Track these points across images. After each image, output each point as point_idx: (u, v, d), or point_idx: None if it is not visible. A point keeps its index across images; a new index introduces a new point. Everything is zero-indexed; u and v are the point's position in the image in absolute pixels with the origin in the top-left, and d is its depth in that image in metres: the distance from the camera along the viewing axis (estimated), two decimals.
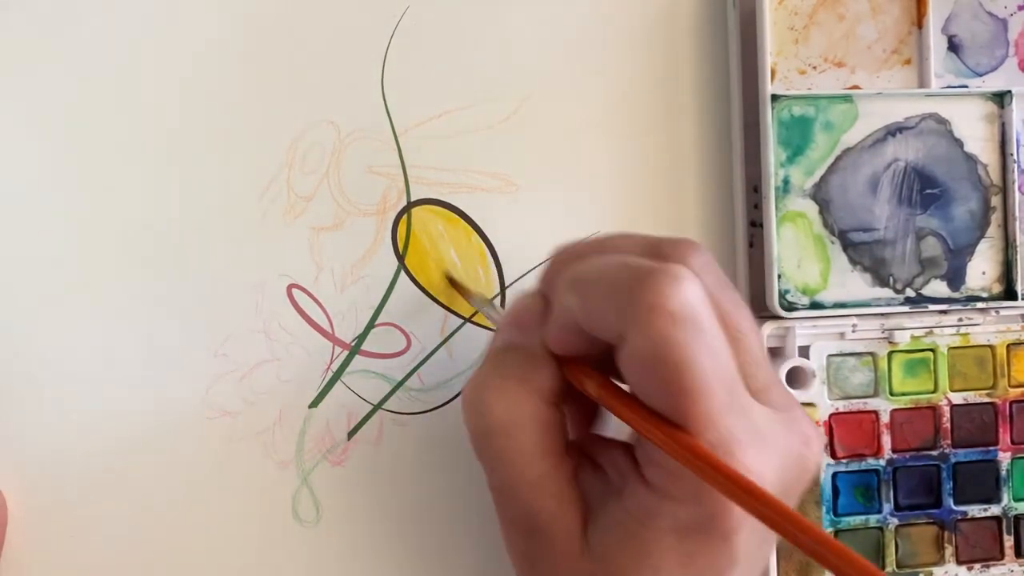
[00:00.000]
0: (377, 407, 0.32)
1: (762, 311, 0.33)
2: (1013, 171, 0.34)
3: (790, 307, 0.33)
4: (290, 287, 0.32)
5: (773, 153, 0.32)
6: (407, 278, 0.32)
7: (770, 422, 0.24)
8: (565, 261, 0.26)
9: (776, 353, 0.33)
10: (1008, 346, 0.34)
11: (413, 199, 0.32)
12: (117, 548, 0.31)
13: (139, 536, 0.31)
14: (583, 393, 0.25)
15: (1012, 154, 0.34)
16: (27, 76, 0.31)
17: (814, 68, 0.33)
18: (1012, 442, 0.34)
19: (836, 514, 0.33)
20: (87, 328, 0.31)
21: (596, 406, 0.28)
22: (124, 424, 0.31)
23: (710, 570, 0.24)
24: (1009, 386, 0.34)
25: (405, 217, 0.32)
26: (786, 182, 0.33)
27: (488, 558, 0.32)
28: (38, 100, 0.31)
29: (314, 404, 0.32)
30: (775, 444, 0.24)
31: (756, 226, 0.34)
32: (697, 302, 0.22)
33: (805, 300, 0.33)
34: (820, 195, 0.33)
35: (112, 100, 0.31)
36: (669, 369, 0.22)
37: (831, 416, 0.33)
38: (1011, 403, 0.34)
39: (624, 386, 0.24)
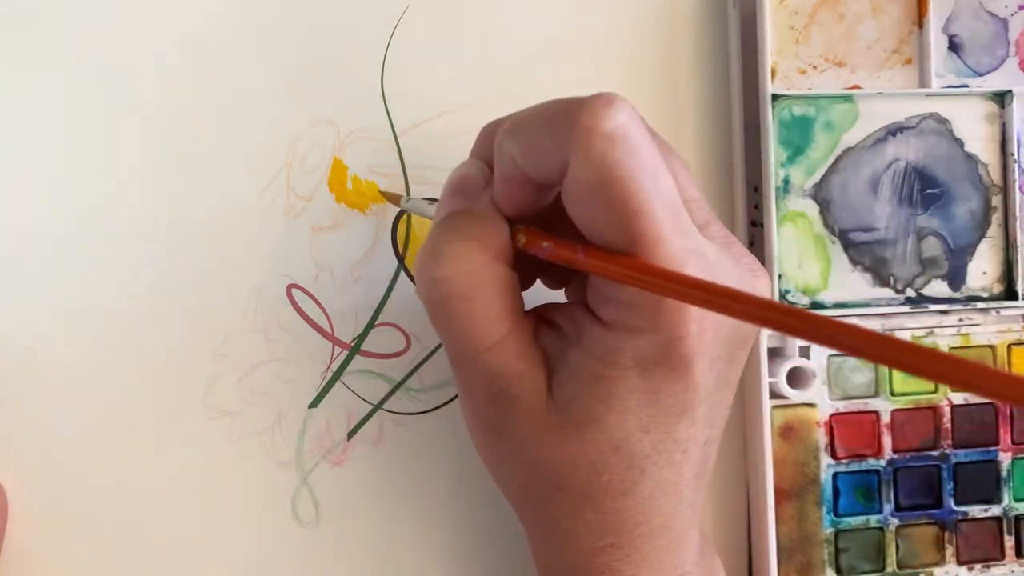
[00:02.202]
0: (377, 407, 0.32)
1: None
2: (1013, 171, 0.34)
3: None
4: (290, 287, 0.32)
5: (773, 153, 0.32)
6: (407, 278, 0.32)
7: (717, 253, 0.24)
8: (499, 123, 0.25)
9: (776, 353, 0.33)
10: (1009, 346, 0.34)
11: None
12: (117, 548, 0.31)
13: (139, 536, 0.31)
14: (533, 256, 0.25)
15: (1013, 154, 0.34)
16: (26, 76, 0.31)
17: (814, 68, 0.33)
18: (1013, 442, 0.34)
19: (837, 514, 0.33)
20: (87, 327, 0.31)
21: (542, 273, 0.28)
22: (124, 424, 0.31)
23: (675, 407, 0.24)
24: None
25: (405, 217, 0.32)
26: (786, 182, 0.33)
27: (488, 558, 0.32)
28: (37, 100, 0.31)
29: (314, 404, 0.32)
30: (725, 274, 0.24)
31: (757, 226, 0.34)
32: (632, 123, 0.22)
33: (806, 300, 0.33)
34: (821, 195, 0.33)
35: (111, 100, 0.31)
36: (612, 189, 0.21)
37: (832, 416, 0.33)
38: None
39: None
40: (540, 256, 0.24)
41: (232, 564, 0.31)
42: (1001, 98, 0.34)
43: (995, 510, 0.34)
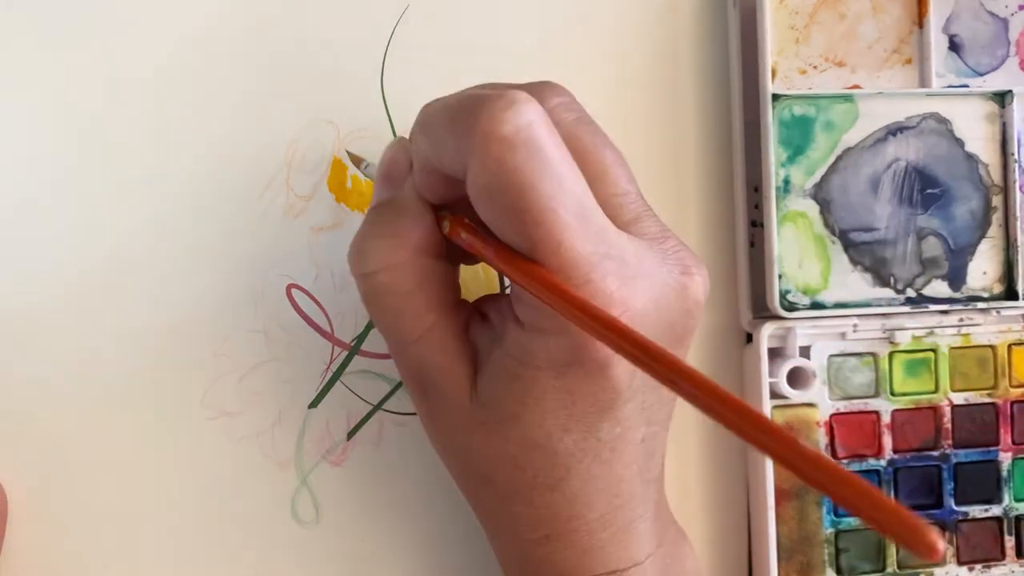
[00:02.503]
0: (377, 407, 0.32)
1: (763, 311, 0.33)
2: (1014, 171, 0.34)
3: (791, 307, 0.32)
4: (289, 287, 0.32)
5: (774, 153, 0.32)
6: None
7: (641, 251, 0.23)
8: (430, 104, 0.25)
9: (777, 353, 0.33)
10: (1009, 346, 0.34)
11: None
12: (117, 548, 0.31)
13: (138, 536, 0.31)
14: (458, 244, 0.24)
15: (1013, 154, 0.34)
16: (25, 76, 0.31)
17: (815, 68, 0.33)
18: (1013, 442, 0.34)
19: (836, 515, 0.33)
20: (87, 327, 0.31)
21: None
22: (124, 424, 0.31)
23: (594, 406, 0.24)
24: (1010, 386, 0.34)
25: None
26: (787, 182, 0.33)
27: (488, 558, 0.32)
28: (36, 100, 0.31)
29: (313, 404, 0.32)
30: (649, 274, 0.23)
31: (757, 226, 0.33)
32: (533, 126, 0.21)
33: (806, 300, 0.33)
34: (821, 195, 0.33)
35: (111, 99, 0.31)
36: (508, 195, 0.21)
37: (832, 416, 0.33)
38: (1012, 403, 0.34)
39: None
40: (460, 246, 0.24)
41: (232, 564, 0.31)
42: (1001, 98, 0.34)
43: (995, 510, 0.34)
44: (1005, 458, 0.34)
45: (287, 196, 0.32)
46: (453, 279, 0.26)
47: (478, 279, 0.32)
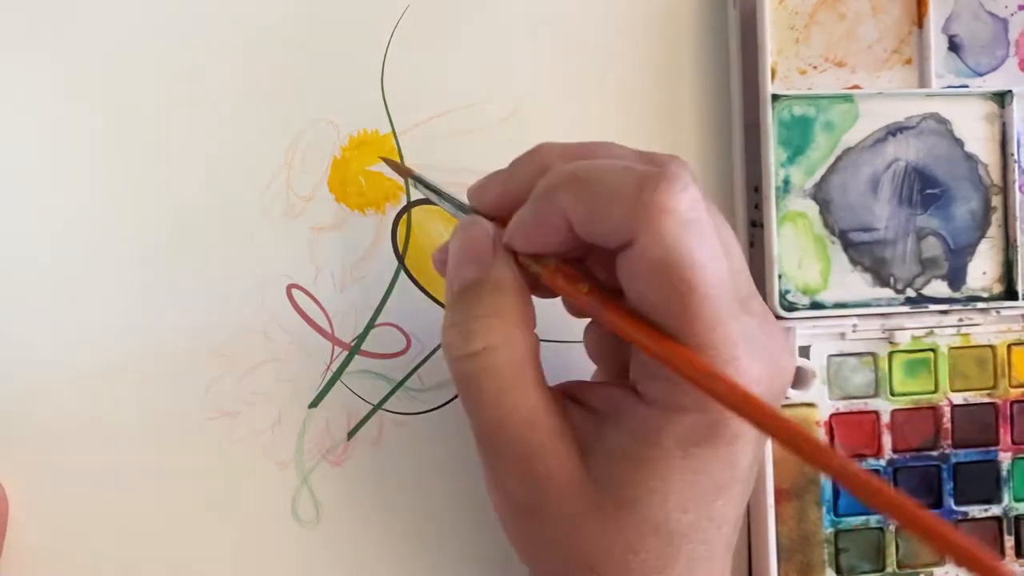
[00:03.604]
0: (377, 407, 0.32)
1: None
2: (1013, 171, 0.34)
3: (790, 307, 0.32)
4: (290, 287, 0.32)
5: (773, 153, 0.32)
6: (407, 278, 0.32)
7: (756, 329, 0.24)
8: (559, 155, 0.25)
9: None
10: (1009, 346, 0.34)
11: (413, 199, 0.32)
12: (117, 548, 0.31)
13: (139, 536, 0.31)
14: (567, 298, 0.24)
15: (1012, 154, 0.34)
16: (25, 77, 0.31)
17: (814, 68, 0.33)
18: (1013, 442, 0.34)
19: (837, 514, 0.33)
20: (87, 327, 0.31)
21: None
22: (124, 424, 0.31)
23: (713, 485, 0.24)
24: (1010, 386, 0.34)
25: (405, 217, 0.32)
26: (786, 182, 0.33)
27: (488, 558, 0.32)
28: (36, 100, 0.31)
29: (314, 404, 0.32)
30: (763, 351, 0.24)
31: (756, 226, 0.34)
32: (702, 207, 0.22)
33: (805, 300, 0.33)
34: (820, 195, 0.33)
35: (111, 100, 0.31)
36: (679, 270, 0.21)
37: (831, 416, 0.33)
38: (1012, 403, 0.34)
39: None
40: (577, 303, 0.24)
41: (232, 564, 0.31)
42: (1001, 98, 0.34)
43: (995, 510, 0.34)
44: (1005, 458, 0.34)
45: (287, 196, 0.32)
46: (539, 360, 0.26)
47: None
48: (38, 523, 0.30)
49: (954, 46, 0.34)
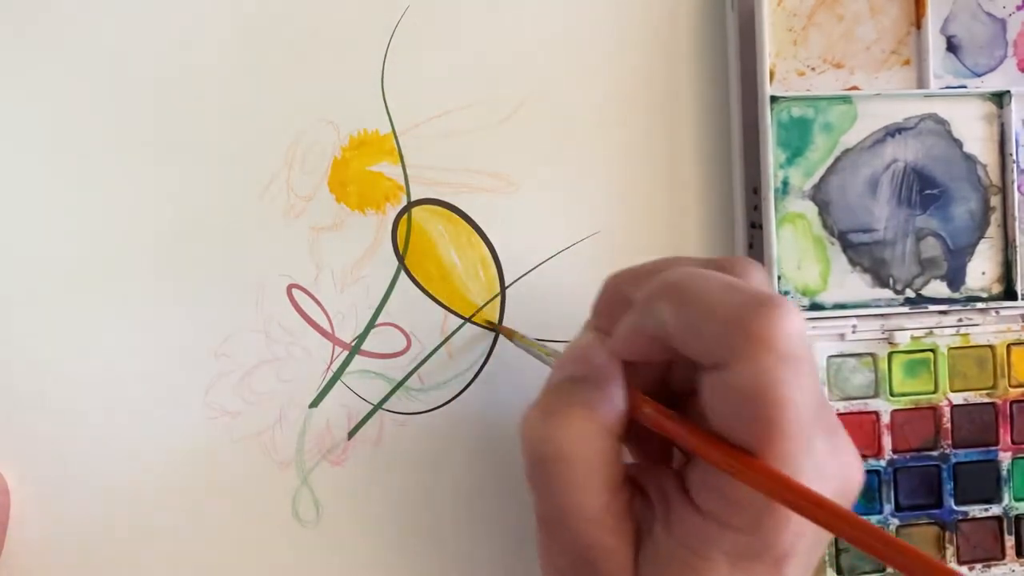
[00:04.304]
0: (377, 407, 0.32)
1: None
2: (1012, 171, 0.34)
3: None
4: (290, 287, 0.32)
5: (772, 154, 0.32)
6: (407, 278, 0.32)
7: (825, 451, 0.24)
8: (629, 280, 0.25)
9: None
10: (1008, 346, 0.34)
11: (413, 199, 0.32)
12: (117, 547, 0.31)
13: (139, 535, 0.31)
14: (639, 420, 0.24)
15: (1011, 154, 0.34)
16: (25, 77, 0.31)
17: (813, 69, 0.33)
18: (1012, 442, 0.34)
19: None
20: (88, 328, 0.31)
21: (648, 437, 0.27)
22: (124, 424, 0.31)
23: None
24: (1009, 386, 0.34)
25: (405, 217, 0.32)
26: (785, 183, 0.33)
27: (487, 558, 0.32)
28: (37, 101, 0.31)
29: (314, 404, 0.32)
30: (829, 474, 0.23)
31: (756, 227, 0.34)
32: (802, 340, 0.21)
33: (805, 301, 0.33)
34: (819, 196, 0.33)
35: (111, 100, 0.31)
36: (766, 406, 0.21)
37: None
38: (1011, 403, 0.34)
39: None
40: (654, 429, 0.24)
41: (232, 563, 0.31)
42: (999, 98, 0.34)
43: (995, 510, 0.34)
44: (1004, 458, 0.34)
45: (287, 196, 0.32)
46: (622, 462, 0.26)
47: (478, 279, 0.33)
48: (39, 522, 0.30)
49: (952, 47, 0.34)
